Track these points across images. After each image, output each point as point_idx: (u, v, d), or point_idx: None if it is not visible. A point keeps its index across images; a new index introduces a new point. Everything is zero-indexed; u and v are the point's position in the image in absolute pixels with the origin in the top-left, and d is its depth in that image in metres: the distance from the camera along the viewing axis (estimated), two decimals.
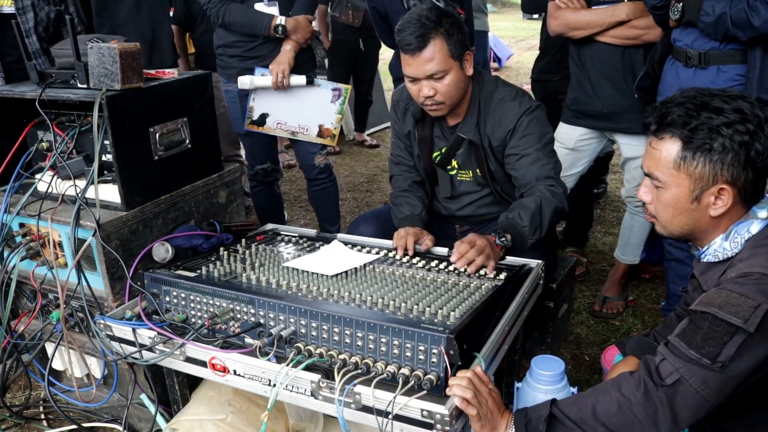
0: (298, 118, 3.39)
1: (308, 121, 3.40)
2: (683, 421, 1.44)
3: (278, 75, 3.19)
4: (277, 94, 3.31)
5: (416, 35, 2.21)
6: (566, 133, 3.18)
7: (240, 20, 3.15)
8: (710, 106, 1.51)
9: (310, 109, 3.38)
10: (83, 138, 2.27)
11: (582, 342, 3.02)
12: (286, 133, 3.41)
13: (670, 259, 2.73)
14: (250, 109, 3.33)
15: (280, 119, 3.38)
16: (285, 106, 3.35)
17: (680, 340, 1.45)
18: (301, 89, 3.32)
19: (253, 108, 3.33)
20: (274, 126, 3.39)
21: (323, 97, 3.38)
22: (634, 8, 2.80)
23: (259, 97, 3.32)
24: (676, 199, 1.57)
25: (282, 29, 3.13)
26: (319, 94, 3.37)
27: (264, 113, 3.36)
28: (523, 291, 2.00)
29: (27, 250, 2.25)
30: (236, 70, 3.29)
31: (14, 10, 2.92)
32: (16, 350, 2.39)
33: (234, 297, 1.88)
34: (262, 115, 3.36)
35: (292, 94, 3.33)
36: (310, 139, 3.42)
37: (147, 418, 2.29)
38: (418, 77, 2.27)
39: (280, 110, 3.36)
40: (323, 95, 3.38)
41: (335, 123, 3.41)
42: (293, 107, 3.36)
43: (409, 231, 2.29)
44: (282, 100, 3.34)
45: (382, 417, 1.54)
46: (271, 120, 3.37)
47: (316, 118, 3.40)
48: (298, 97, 3.35)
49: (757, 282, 1.41)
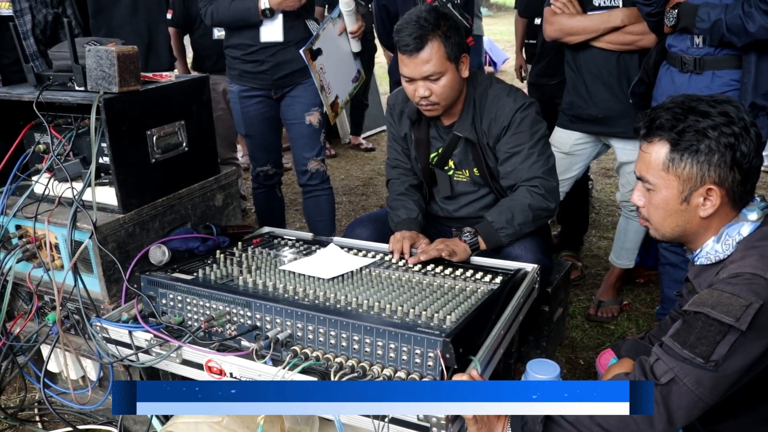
0: (332, 76, 3.36)
1: (335, 86, 3.39)
2: (678, 421, 1.45)
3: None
4: (336, 45, 3.31)
5: (414, 36, 2.22)
6: (561, 138, 3.20)
7: (229, 15, 3.15)
8: (697, 109, 1.56)
9: (341, 77, 3.40)
10: (80, 140, 2.27)
11: (577, 346, 3.03)
12: (319, 81, 3.32)
13: (664, 264, 2.74)
14: (315, 36, 3.24)
15: (324, 65, 3.32)
16: (334, 58, 3.34)
17: (674, 340, 1.47)
18: (348, 55, 3.37)
19: (319, 36, 3.25)
20: (319, 67, 3.31)
21: (352, 72, 3.42)
22: (629, 14, 2.82)
23: (324, 34, 3.27)
24: (666, 200, 1.60)
25: (270, 12, 3.11)
26: (351, 67, 3.42)
27: (320, 48, 3.28)
28: (519, 295, 2.01)
29: (23, 252, 2.25)
30: (237, 72, 3.30)
31: (12, 13, 2.92)
32: (12, 352, 2.39)
33: (230, 300, 1.88)
34: (318, 50, 3.28)
35: (343, 55, 3.36)
36: (325, 101, 3.37)
37: (143, 420, 2.29)
38: (415, 78, 2.29)
39: (330, 57, 3.32)
40: (352, 71, 3.42)
41: (343, 103, 3.43)
42: (336, 64, 3.36)
43: (405, 235, 2.30)
44: (336, 51, 3.33)
45: (378, 420, 1.54)
46: (320, 60, 3.30)
47: (339, 87, 3.41)
48: (344, 60, 3.37)
49: (749, 282, 1.44)
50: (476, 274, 2.10)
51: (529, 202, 2.31)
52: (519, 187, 2.37)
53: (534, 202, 2.32)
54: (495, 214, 2.33)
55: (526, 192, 2.34)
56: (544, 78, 3.88)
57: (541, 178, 2.34)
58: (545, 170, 2.36)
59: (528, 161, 2.35)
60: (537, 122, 2.39)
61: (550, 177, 2.37)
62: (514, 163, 2.37)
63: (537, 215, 2.33)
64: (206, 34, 4.27)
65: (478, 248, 2.29)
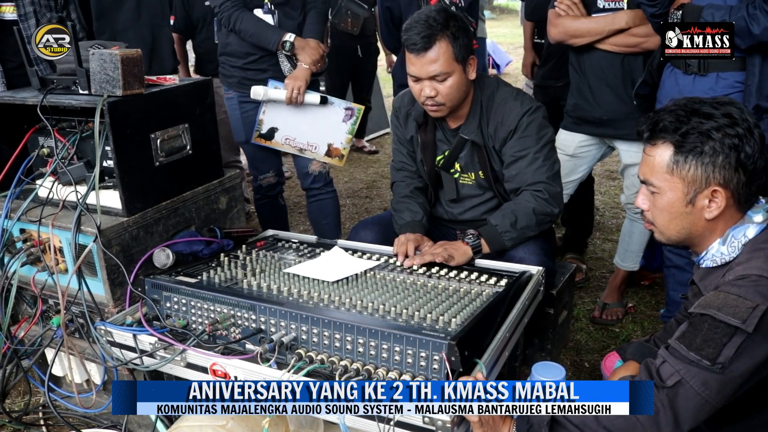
0: (307, 135, 3.30)
1: (318, 139, 3.32)
2: (685, 423, 1.45)
3: (293, 90, 3.11)
4: (288, 109, 3.22)
5: (422, 35, 2.22)
6: (566, 140, 3.19)
7: (251, 29, 3.08)
8: (700, 111, 1.56)
9: (321, 127, 3.30)
10: (84, 144, 2.27)
11: (582, 348, 3.02)
12: (293, 149, 3.33)
13: (669, 266, 2.74)
14: (259, 122, 3.25)
15: (289, 135, 3.29)
16: (295, 121, 3.27)
17: (680, 342, 1.47)
18: (313, 106, 3.24)
19: (263, 121, 3.25)
20: (282, 141, 3.30)
21: (335, 115, 3.30)
22: (634, 16, 2.82)
23: (269, 110, 3.23)
24: (672, 203, 1.60)
25: (290, 45, 3.08)
26: (331, 112, 3.29)
27: (273, 127, 3.27)
28: (524, 298, 2.01)
29: (27, 256, 2.25)
30: (236, 80, 3.26)
31: (16, 17, 2.93)
32: (16, 356, 2.38)
33: (235, 303, 1.88)
34: (271, 129, 3.28)
35: (305, 111, 3.24)
36: (317, 158, 3.35)
37: (147, 424, 2.29)
38: (421, 77, 2.29)
39: (289, 125, 3.27)
40: (336, 114, 3.30)
41: (345, 143, 3.34)
42: (304, 124, 3.28)
43: (410, 237, 2.30)
44: (293, 115, 3.25)
45: (383, 423, 1.54)
46: (279, 135, 3.29)
47: (326, 136, 3.32)
48: (310, 114, 3.26)
49: (755, 283, 1.44)
50: (481, 277, 2.10)
51: (533, 207, 2.31)
52: (523, 191, 2.36)
53: (538, 207, 2.31)
54: (499, 218, 2.32)
55: (530, 196, 2.33)
56: (551, 80, 3.88)
57: (545, 182, 2.33)
58: (550, 175, 2.36)
59: (533, 165, 2.34)
60: (544, 127, 2.39)
61: (554, 182, 2.37)
62: (519, 166, 2.36)
63: (540, 220, 2.32)
64: (209, 37, 4.27)
65: (480, 251, 2.29)
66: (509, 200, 2.45)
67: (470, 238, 2.29)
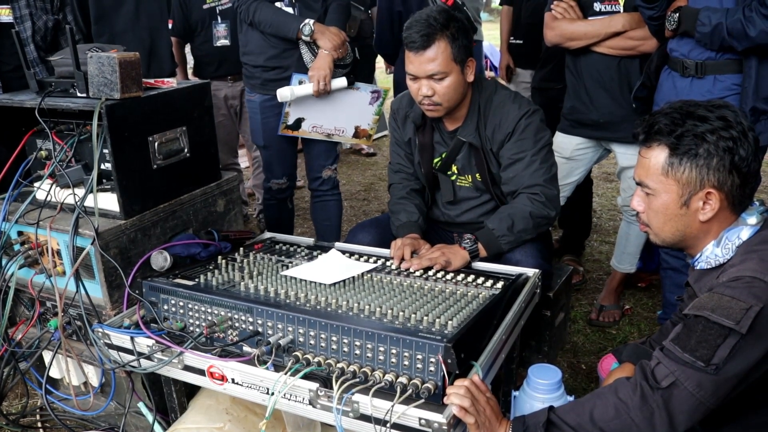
0: (335, 121, 3.28)
1: (345, 123, 3.30)
2: (680, 425, 1.46)
3: (319, 82, 3.07)
4: (315, 98, 3.18)
5: (422, 34, 2.24)
6: (563, 143, 3.20)
7: (269, 19, 3.06)
8: (695, 114, 1.58)
9: (348, 112, 3.27)
10: (82, 147, 2.27)
11: (579, 350, 3.03)
12: (321, 135, 3.30)
13: (666, 268, 2.74)
14: (285, 115, 3.20)
15: (316, 122, 3.26)
16: (322, 108, 3.23)
17: (674, 344, 1.48)
18: (339, 92, 3.20)
19: (289, 113, 3.20)
20: (310, 129, 3.27)
21: (362, 99, 3.27)
22: (630, 19, 2.83)
23: (295, 103, 3.19)
24: (666, 205, 1.62)
25: (309, 30, 3.03)
26: (358, 96, 3.26)
27: (300, 117, 3.23)
28: (520, 300, 2.02)
29: (25, 258, 2.25)
30: (259, 81, 3.23)
31: (12, 20, 2.93)
32: (14, 358, 2.39)
33: (232, 305, 1.88)
34: (297, 120, 3.23)
35: (331, 98, 3.21)
36: (345, 140, 3.36)
37: (144, 426, 2.29)
38: (419, 76, 2.30)
39: (316, 113, 3.24)
40: (362, 98, 3.27)
41: (372, 123, 3.33)
42: (330, 110, 3.25)
43: (407, 242, 2.30)
44: (319, 103, 3.21)
45: (380, 426, 1.54)
46: (306, 124, 3.25)
47: (352, 119, 3.30)
48: (336, 100, 3.23)
49: (748, 285, 1.45)
50: (478, 279, 2.10)
51: (530, 210, 2.31)
52: (520, 194, 2.37)
53: (534, 210, 2.32)
54: (495, 222, 2.33)
55: (527, 199, 2.34)
56: (550, 82, 3.87)
57: (542, 185, 2.34)
58: (547, 178, 2.36)
59: (530, 168, 2.35)
60: (541, 130, 2.39)
61: (551, 185, 2.37)
62: (516, 169, 2.37)
63: (537, 223, 2.33)
64: (207, 40, 4.27)
65: (477, 255, 2.29)
66: (506, 203, 2.46)
67: (467, 243, 2.29)
